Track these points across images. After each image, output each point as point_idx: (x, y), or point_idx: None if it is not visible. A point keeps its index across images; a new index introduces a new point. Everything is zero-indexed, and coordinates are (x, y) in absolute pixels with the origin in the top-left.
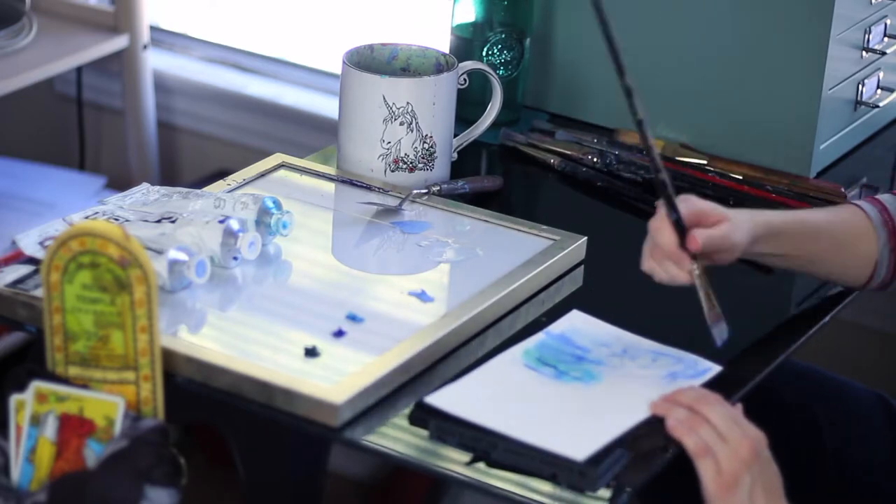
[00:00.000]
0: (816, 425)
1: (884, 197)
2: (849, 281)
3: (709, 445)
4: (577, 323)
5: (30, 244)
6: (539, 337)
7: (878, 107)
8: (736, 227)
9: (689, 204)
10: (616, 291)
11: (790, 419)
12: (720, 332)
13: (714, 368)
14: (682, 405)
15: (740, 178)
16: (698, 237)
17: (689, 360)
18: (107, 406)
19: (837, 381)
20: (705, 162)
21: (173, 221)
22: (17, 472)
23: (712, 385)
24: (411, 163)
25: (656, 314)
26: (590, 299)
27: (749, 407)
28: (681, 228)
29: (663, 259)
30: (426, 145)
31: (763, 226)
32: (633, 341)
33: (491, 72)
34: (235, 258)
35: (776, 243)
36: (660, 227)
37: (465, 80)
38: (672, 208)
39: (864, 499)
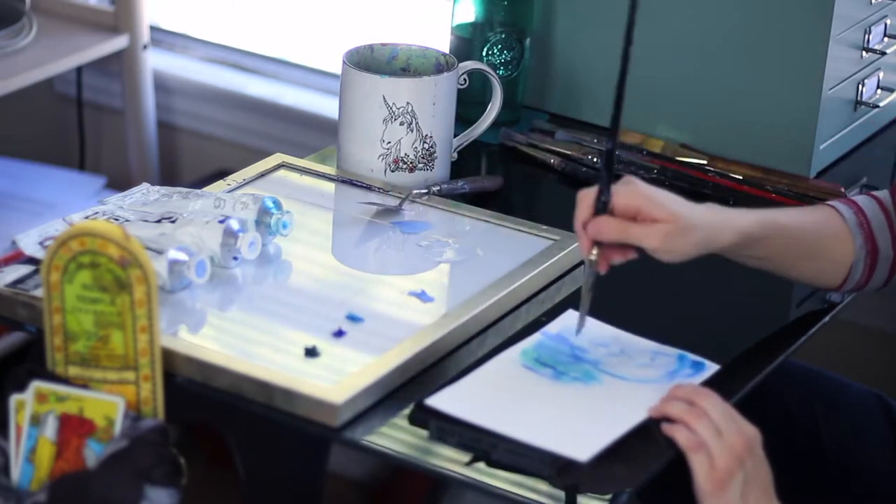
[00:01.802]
0: (815, 425)
1: (860, 199)
2: (822, 284)
3: (702, 441)
4: (572, 323)
5: (30, 244)
6: (536, 337)
7: (878, 107)
8: (668, 236)
9: (631, 192)
10: (616, 291)
11: (789, 419)
12: (580, 324)
13: (712, 367)
14: (679, 399)
15: (740, 178)
16: (602, 231)
17: (688, 359)
18: (107, 406)
19: (836, 381)
20: (705, 162)
21: (173, 221)
22: (17, 472)
23: (712, 384)
24: (411, 163)
25: (656, 314)
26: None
27: (748, 407)
28: (600, 209)
29: (579, 228)
30: (426, 145)
31: (739, 233)
32: (631, 341)
33: (491, 72)
34: (235, 258)
35: (753, 249)
36: (582, 199)
37: (465, 80)
38: (604, 192)
39: (862, 498)
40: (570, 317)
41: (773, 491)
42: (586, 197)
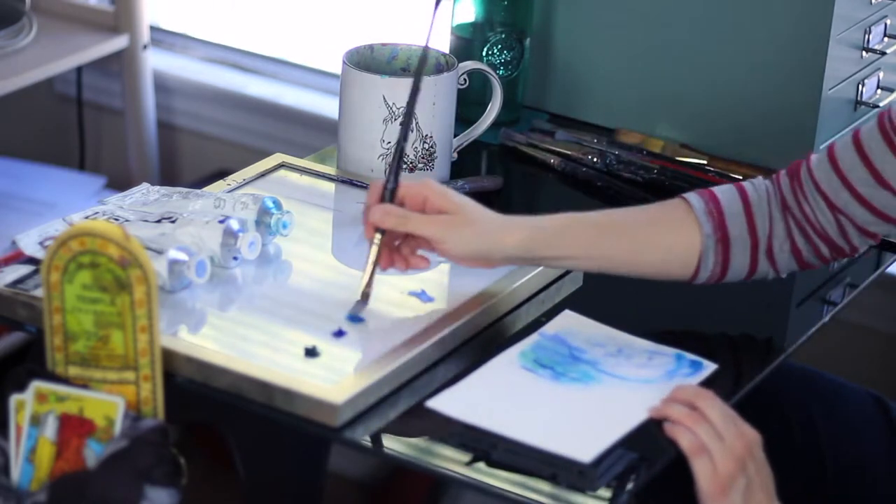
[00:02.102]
0: (813, 426)
1: (720, 188)
2: (670, 276)
3: (704, 444)
4: (570, 323)
5: (30, 244)
6: (534, 338)
7: (878, 107)
8: (449, 226)
9: (420, 183)
10: (615, 292)
11: (786, 420)
12: (358, 308)
13: (710, 367)
14: (681, 402)
15: (740, 178)
16: (382, 217)
17: (686, 358)
18: (107, 406)
19: (833, 382)
20: (705, 162)
21: (173, 221)
22: (17, 472)
23: (712, 384)
24: (411, 163)
25: (655, 314)
26: (589, 300)
27: (746, 408)
28: (387, 196)
29: (364, 211)
30: (426, 145)
31: (526, 227)
32: (628, 341)
33: (491, 72)
34: (235, 258)
35: (558, 245)
36: (372, 186)
37: (465, 80)
38: (390, 180)
39: (860, 500)
40: (567, 317)
41: (775, 493)
42: (376, 184)
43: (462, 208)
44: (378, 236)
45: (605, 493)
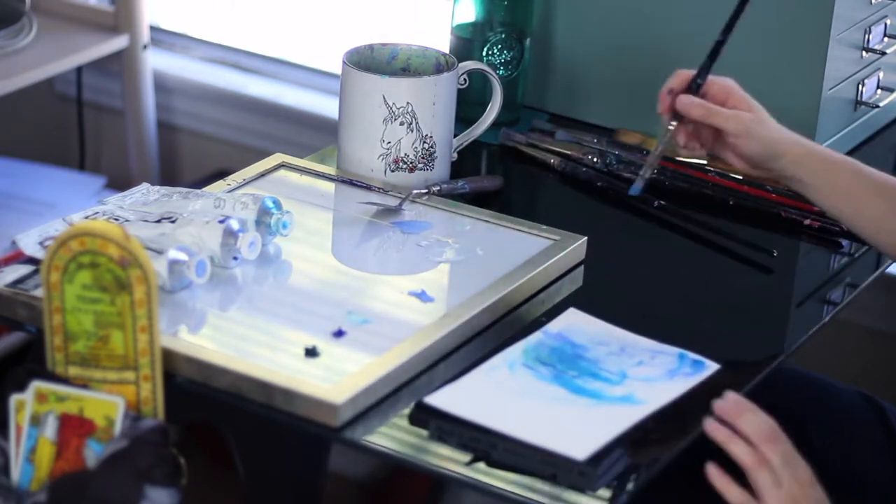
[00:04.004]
0: (803, 426)
1: None
2: None
3: (760, 489)
4: (574, 321)
5: (30, 244)
6: (537, 336)
7: (878, 107)
8: (751, 122)
9: (723, 84)
10: (616, 291)
11: (778, 419)
12: (638, 185)
13: (712, 367)
14: (744, 437)
15: (740, 178)
16: (689, 107)
17: (688, 357)
18: (107, 406)
19: (822, 382)
20: (705, 162)
21: (173, 221)
22: (17, 472)
23: (711, 383)
24: (411, 163)
25: (656, 314)
26: (590, 299)
27: None
28: (694, 88)
29: (664, 92)
30: (426, 145)
31: (804, 147)
32: (631, 340)
33: (491, 72)
34: (235, 258)
35: (824, 178)
36: (678, 73)
37: (465, 80)
38: (701, 75)
39: (851, 499)
40: (571, 315)
41: None
42: (682, 73)
43: (762, 110)
44: (674, 124)
45: (605, 493)
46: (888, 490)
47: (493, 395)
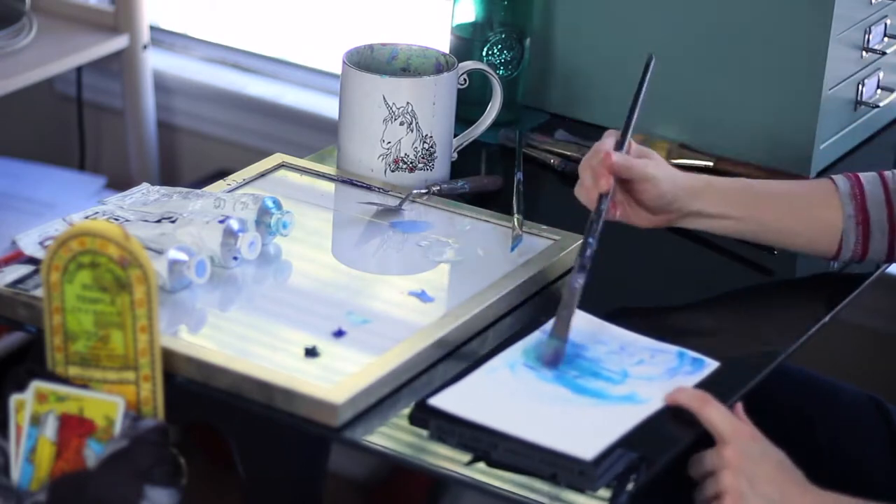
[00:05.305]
0: (810, 427)
1: (865, 175)
2: (815, 250)
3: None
4: (574, 320)
5: (30, 244)
6: (536, 336)
7: (878, 107)
8: (664, 170)
9: (638, 148)
10: (616, 291)
11: (784, 421)
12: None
13: (712, 364)
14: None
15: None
16: (614, 158)
17: (688, 356)
18: (107, 406)
19: (830, 384)
20: (705, 162)
21: (173, 221)
22: (17, 472)
23: (712, 382)
24: (411, 163)
25: (656, 313)
26: (590, 299)
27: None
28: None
29: (587, 167)
30: (426, 145)
31: (702, 181)
32: (630, 339)
33: (491, 72)
34: (235, 258)
35: (717, 201)
36: (609, 134)
37: (465, 80)
38: (624, 136)
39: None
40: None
41: (796, 474)
42: (611, 136)
43: (660, 163)
44: (605, 201)
45: (605, 492)
46: (895, 492)
47: (496, 395)
